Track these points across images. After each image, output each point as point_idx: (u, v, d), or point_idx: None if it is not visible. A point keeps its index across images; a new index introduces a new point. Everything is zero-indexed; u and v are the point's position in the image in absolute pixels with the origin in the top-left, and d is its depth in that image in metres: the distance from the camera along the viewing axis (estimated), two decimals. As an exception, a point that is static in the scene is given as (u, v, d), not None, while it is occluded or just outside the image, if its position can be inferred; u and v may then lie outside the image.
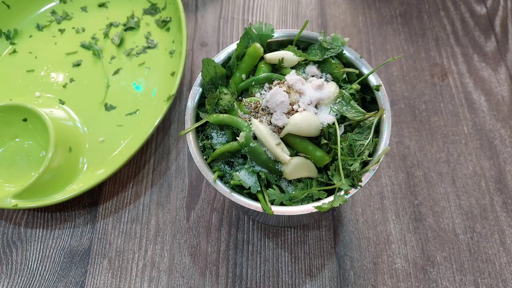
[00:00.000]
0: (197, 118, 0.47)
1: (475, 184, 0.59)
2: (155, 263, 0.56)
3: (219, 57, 0.49)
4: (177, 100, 0.68)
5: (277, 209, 0.41)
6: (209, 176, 0.43)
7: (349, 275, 0.54)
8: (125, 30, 0.71)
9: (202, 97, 0.48)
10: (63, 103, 0.65)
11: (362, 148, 0.42)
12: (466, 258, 0.55)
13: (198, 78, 0.48)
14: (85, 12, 0.72)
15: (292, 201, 0.42)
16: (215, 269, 0.55)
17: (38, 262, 0.57)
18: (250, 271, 0.55)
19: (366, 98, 0.48)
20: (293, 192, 0.42)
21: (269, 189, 0.43)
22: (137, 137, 0.61)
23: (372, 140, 0.43)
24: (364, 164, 0.43)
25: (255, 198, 0.43)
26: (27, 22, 0.72)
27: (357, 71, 0.47)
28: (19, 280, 0.56)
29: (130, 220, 0.59)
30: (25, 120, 0.61)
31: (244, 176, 0.43)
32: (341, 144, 0.42)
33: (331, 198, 0.41)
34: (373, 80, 0.47)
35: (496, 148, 0.62)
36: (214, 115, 0.45)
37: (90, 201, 0.61)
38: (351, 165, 0.41)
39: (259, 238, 0.57)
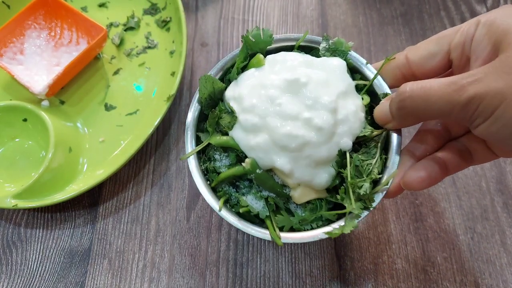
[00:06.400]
0: (197, 138, 0.45)
1: (475, 185, 0.59)
2: (155, 264, 0.56)
3: (217, 67, 0.47)
4: (177, 100, 0.67)
5: (286, 236, 0.40)
6: (215, 204, 0.41)
7: (350, 275, 0.54)
8: (125, 30, 0.71)
9: (201, 113, 0.46)
10: (63, 103, 0.65)
11: (371, 168, 0.40)
12: (466, 258, 0.55)
13: (196, 95, 0.46)
14: (85, 12, 0.72)
15: (301, 224, 0.41)
16: (215, 269, 0.55)
17: (38, 262, 0.57)
18: (250, 272, 0.55)
19: (373, 106, 0.44)
20: (303, 215, 0.41)
21: (278, 215, 0.41)
22: (137, 137, 0.61)
23: (380, 158, 0.41)
24: (374, 182, 0.41)
25: (261, 220, 0.41)
26: (27, 22, 0.72)
27: (366, 83, 0.44)
28: (19, 281, 0.56)
29: (130, 221, 0.59)
30: (25, 120, 0.61)
31: (251, 201, 0.41)
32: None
33: (342, 222, 0.40)
34: (380, 87, 0.43)
35: (496, 148, 0.62)
36: (218, 137, 0.42)
37: (90, 201, 0.61)
38: (361, 187, 0.39)
39: (259, 239, 0.57)
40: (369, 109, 0.44)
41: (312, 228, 0.41)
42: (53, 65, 0.66)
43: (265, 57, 0.45)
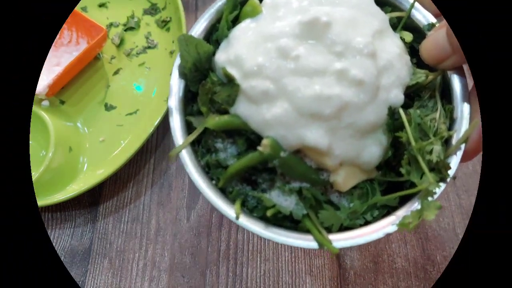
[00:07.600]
0: (188, 125, 0.34)
1: (475, 183, 0.59)
2: (156, 263, 0.56)
3: (199, 26, 0.35)
4: (177, 100, 0.68)
5: (339, 238, 0.30)
6: (228, 211, 0.31)
7: (349, 274, 0.54)
8: (125, 30, 0.71)
9: (187, 91, 0.35)
10: (63, 103, 0.65)
11: (436, 124, 0.30)
12: (466, 257, 0.55)
13: (176, 64, 0.35)
14: (85, 12, 0.72)
15: (351, 219, 0.31)
16: (216, 268, 0.55)
17: (39, 262, 0.57)
18: (250, 271, 0.55)
19: (415, 47, 0.34)
20: (351, 206, 0.32)
21: (320, 211, 0.31)
22: (137, 137, 0.61)
23: (444, 109, 0.31)
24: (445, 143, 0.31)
25: (293, 220, 0.31)
26: (27, 22, 0.72)
27: (402, 14, 0.34)
28: (19, 280, 0.56)
29: (130, 220, 0.59)
30: (25, 120, 0.61)
31: (278, 198, 0.31)
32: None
33: (411, 205, 0.31)
34: (421, 18, 0.33)
35: (496, 147, 0.62)
36: (216, 119, 0.31)
37: (91, 201, 0.61)
38: (431, 151, 0.29)
39: (259, 237, 0.57)
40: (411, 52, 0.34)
41: (367, 222, 0.31)
42: (53, 65, 0.66)
43: (260, 1, 0.34)
